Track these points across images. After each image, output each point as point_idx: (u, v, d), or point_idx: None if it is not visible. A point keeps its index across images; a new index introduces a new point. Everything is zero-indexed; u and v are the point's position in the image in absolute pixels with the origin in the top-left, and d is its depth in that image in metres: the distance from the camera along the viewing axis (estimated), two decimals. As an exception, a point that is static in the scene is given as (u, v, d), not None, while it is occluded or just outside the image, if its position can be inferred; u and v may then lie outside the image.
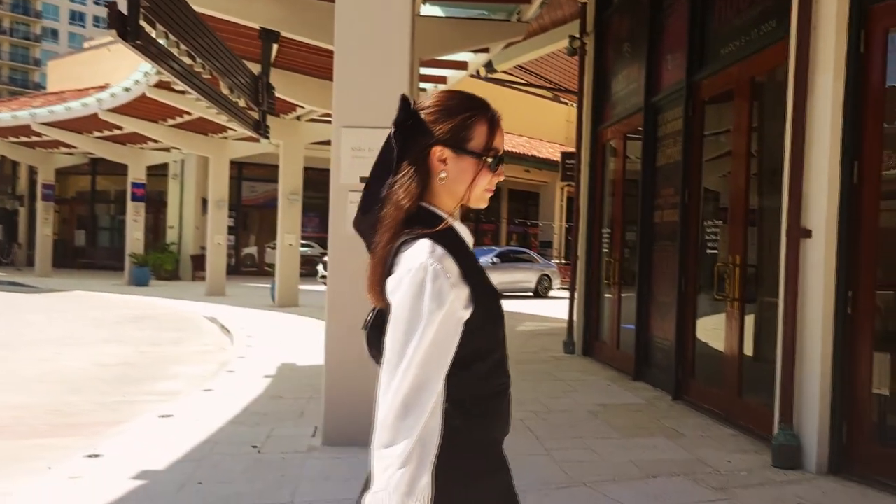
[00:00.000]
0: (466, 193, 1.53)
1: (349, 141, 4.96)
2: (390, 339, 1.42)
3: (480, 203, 1.56)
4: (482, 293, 1.47)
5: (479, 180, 1.53)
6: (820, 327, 4.46)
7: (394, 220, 1.48)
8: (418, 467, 1.37)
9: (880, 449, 4.39)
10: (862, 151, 4.38)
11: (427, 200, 1.52)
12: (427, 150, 1.50)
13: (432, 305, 1.39)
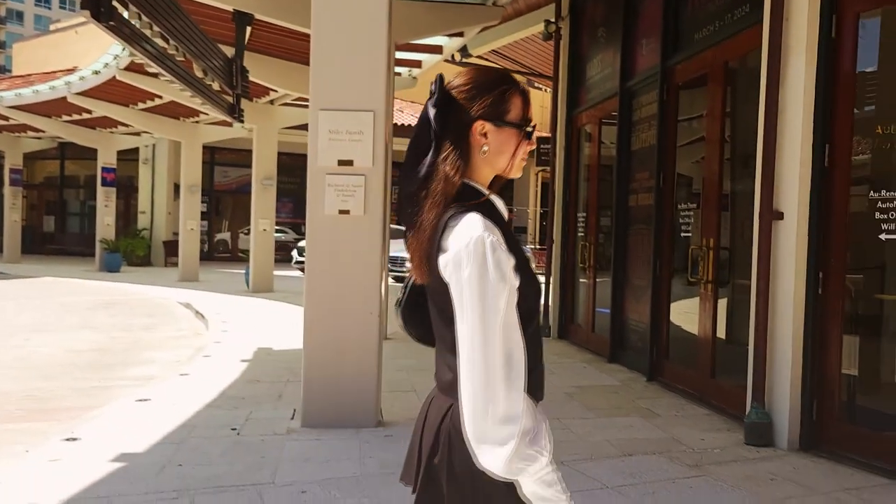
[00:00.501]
0: (509, 164, 1.58)
1: (326, 123, 4.95)
2: (468, 316, 1.44)
3: (517, 173, 1.62)
4: (522, 261, 1.51)
5: (518, 150, 1.58)
6: (791, 308, 4.55)
7: (444, 196, 1.52)
8: (538, 433, 1.44)
9: (849, 427, 4.51)
10: (833, 135, 4.46)
11: (467, 176, 1.56)
12: (469, 126, 1.55)
13: (497, 275, 1.43)
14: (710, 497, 3.81)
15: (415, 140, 1.59)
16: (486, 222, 1.47)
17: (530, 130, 1.59)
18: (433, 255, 1.52)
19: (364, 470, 4.16)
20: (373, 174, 4.98)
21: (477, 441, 1.42)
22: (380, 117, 4.97)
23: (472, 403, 1.42)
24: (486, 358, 1.42)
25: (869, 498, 3.84)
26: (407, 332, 1.83)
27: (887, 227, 4.19)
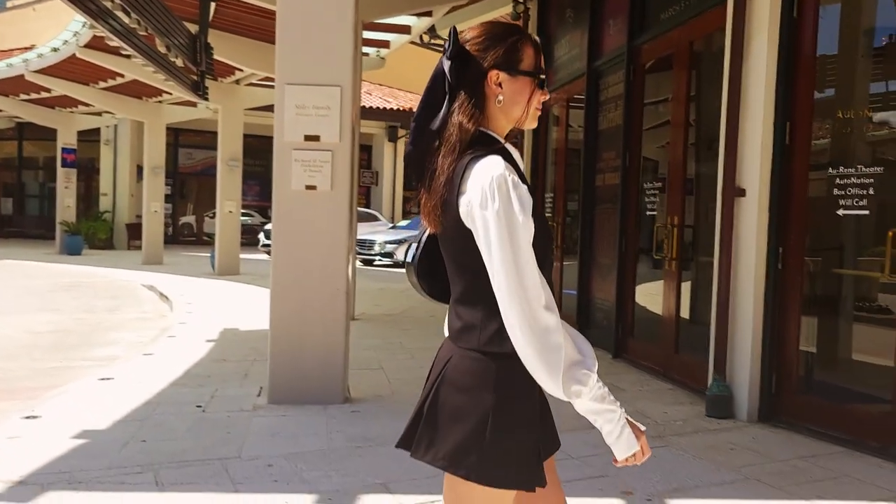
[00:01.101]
0: (524, 112, 1.61)
1: (293, 98, 4.90)
2: (498, 250, 1.48)
3: (532, 123, 1.64)
4: (535, 209, 1.53)
5: (532, 99, 1.60)
6: (752, 283, 4.65)
7: (458, 142, 1.55)
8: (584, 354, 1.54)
9: (806, 398, 4.63)
10: (794, 114, 4.55)
11: (483, 125, 1.58)
12: (483, 76, 1.58)
13: (521, 209, 1.47)
14: (673, 466, 3.89)
15: (427, 96, 1.61)
16: (507, 165, 1.51)
17: (543, 79, 1.62)
18: (450, 199, 1.54)
19: (331, 444, 4.16)
20: (340, 150, 4.95)
21: (538, 367, 1.48)
22: (347, 93, 4.93)
23: (521, 330, 1.47)
24: (524, 286, 1.47)
25: (824, 464, 3.96)
26: (420, 289, 1.86)
27: (844, 203, 4.29)
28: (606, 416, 1.54)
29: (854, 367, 4.81)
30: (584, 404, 1.52)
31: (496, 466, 1.54)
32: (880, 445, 4.08)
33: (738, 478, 3.75)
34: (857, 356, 4.79)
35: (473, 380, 1.57)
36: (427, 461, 1.61)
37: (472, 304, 1.59)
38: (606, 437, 1.55)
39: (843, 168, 4.31)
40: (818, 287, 4.88)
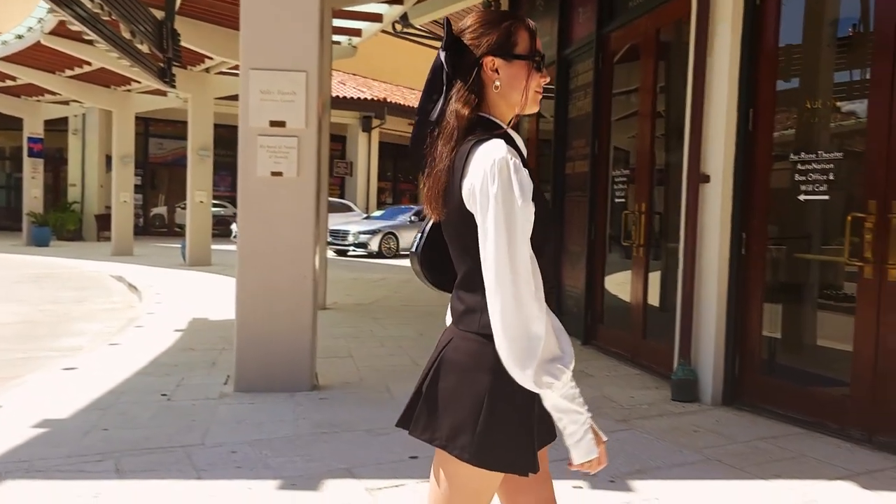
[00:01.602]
0: (523, 96, 1.60)
1: (258, 83, 4.85)
2: (493, 234, 1.48)
3: (534, 107, 1.64)
4: (537, 192, 1.54)
5: (530, 82, 1.60)
6: (716, 268, 4.70)
7: (455, 129, 1.56)
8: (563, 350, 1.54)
9: (769, 381, 4.69)
10: (757, 100, 4.59)
11: (484, 112, 1.60)
12: (479, 63, 1.58)
13: (521, 193, 1.48)
14: (636, 448, 3.92)
15: (428, 88, 1.63)
16: (509, 148, 1.52)
17: (539, 61, 1.62)
18: (453, 185, 1.55)
19: (297, 431, 4.15)
20: (306, 136, 4.91)
21: (508, 354, 1.48)
22: (313, 78, 4.89)
23: (502, 314, 1.48)
24: (515, 270, 1.47)
25: (784, 445, 4.02)
26: (423, 279, 1.87)
27: (806, 189, 4.35)
28: (572, 417, 1.53)
29: (815, 351, 4.89)
30: (552, 399, 1.52)
31: (489, 448, 1.54)
32: (839, 426, 4.15)
33: (699, 459, 3.80)
34: (818, 341, 4.87)
35: (471, 361, 1.58)
36: (424, 439, 1.63)
37: (473, 288, 1.59)
38: (568, 438, 1.55)
39: (805, 154, 4.37)
40: (781, 272, 4.95)
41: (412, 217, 18.86)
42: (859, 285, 4.08)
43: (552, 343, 1.51)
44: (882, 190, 3.94)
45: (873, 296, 3.99)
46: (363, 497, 3.25)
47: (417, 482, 3.38)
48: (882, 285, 3.94)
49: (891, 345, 3.91)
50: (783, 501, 3.28)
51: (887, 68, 3.94)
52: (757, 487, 3.43)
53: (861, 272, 4.04)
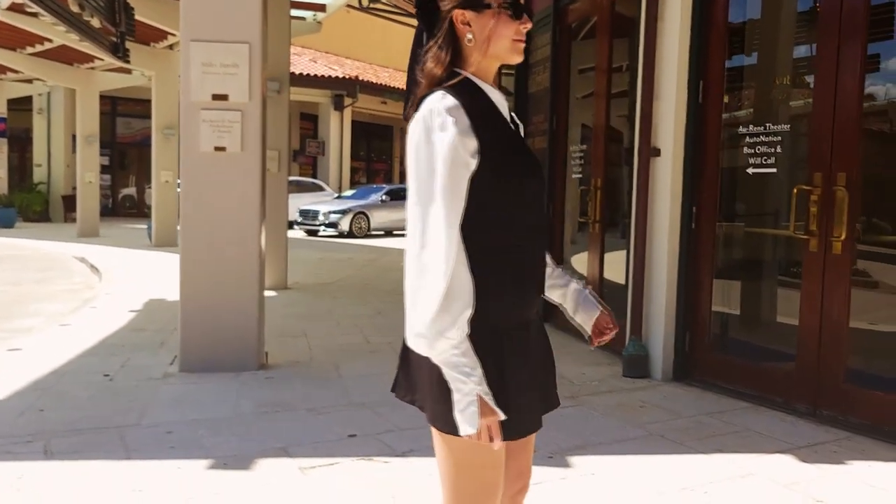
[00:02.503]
0: (499, 45, 1.54)
1: (199, 55, 4.71)
2: (411, 182, 1.47)
3: (514, 56, 1.57)
4: (492, 148, 1.48)
5: (503, 30, 1.53)
6: (666, 243, 4.66)
7: (425, 88, 1.53)
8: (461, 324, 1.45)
9: (718, 356, 4.68)
10: (707, 72, 4.53)
11: (459, 67, 1.55)
12: (449, 18, 1.54)
13: (442, 141, 1.44)
14: (580, 424, 3.89)
15: (413, 53, 1.62)
16: (448, 99, 1.46)
17: (508, 4, 1.53)
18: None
19: (237, 410, 4.07)
20: (250, 109, 4.79)
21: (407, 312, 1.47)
22: (256, 50, 4.76)
23: (407, 274, 1.47)
24: (426, 217, 1.45)
25: (728, 419, 4.00)
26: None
27: (754, 162, 4.30)
28: (456, 385, 1.46)
29: (766, 326, 4.88)
30: (437, 358, 1.46)
31: (444, 414, 1.50)
32: (784, 400, 4.14)
33: (642, 434, 3.77)
34: (769, 315, 4.86)
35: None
36: (407, 401, 1.66)
37: None
38: (454, 405, 1.47)
39: (753, 127, 4.32)
40: (731, 247, 4.92)
41: (383, 197, 18.72)
42: (805, 258, 4.05)
43: (458, 306, 1.45)
44: (827, 162, 3.91)
45: (818, 269, 3.97)
46: (295, 476, 3.18)
47: (353, 460, 3.32)
48: (826, 258, 3.92)
49: (835, 318, 3.90)
50: (720, 475, 3.25)
51: (832, 42, 3.89)
52: (695, 462, 3.41)
53: (806, 245, 4.02)
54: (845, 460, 3.43)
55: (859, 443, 3.66)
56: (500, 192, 1.51)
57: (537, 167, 1.61)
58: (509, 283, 1.54)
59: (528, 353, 1.58)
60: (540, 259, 1.63)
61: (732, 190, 4.74)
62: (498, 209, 1.51)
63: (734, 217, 4.84)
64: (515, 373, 1.53)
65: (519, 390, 1.53)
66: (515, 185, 1.53)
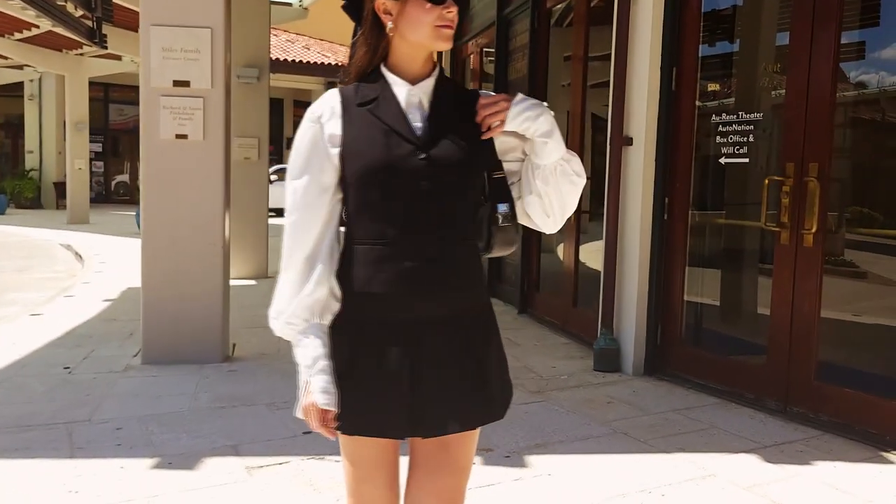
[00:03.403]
0: (422, 33, 1.48)
1: (159, 40, 4.58)
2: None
3: (439, 42, 1.49)
4: (359, 140, 1.48)
5: (423, 16, 1.46)
6: (638, 234, 4.54)
7: (352, 80, 1.54)
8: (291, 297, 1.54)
9: (689, 350, 4.57)
10: (681, 58, 4.40)
11: (390, 61, 1.52)
12: (371, 9, 1.51)
13: (301, 125, 1.53)
14: (543, 420, 3.79)
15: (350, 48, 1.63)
16: (332, 92, 1.52)
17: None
18: None
19: (193, 405, 3.97)
20: (212, 96, 4.66)
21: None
22: (218, 35, 4.63)
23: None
24: (285, 225, 1.54)
25: (696, 416, 3.90)
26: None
27: (727, 152, 4.18)
28: (300, 370, 1.55)
29: (737, 319, 4.77)
30: (289, 340, 1.59)
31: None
32: (755, 396, 4.04)
33: (605, 432, 3.67)
34: (740, 308, 4.75)
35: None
36: None
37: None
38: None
39: (726, 115, 4.19)
40: (703, 237, 4.80)
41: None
42: (776, 251, 3.94)
43: (291, 295, 1.53)
44: (799, 153, 3.78)
45: (789, 262, 3.85)
46: (240, 475, 3.08)
47: (303, 459, 3.22)
48: (798, 251, 3.80)
49: (806, 313, 3.79)
50: (680, 476, 3.15)
51: (806, 29, 3.76)
52: (656, 461, 3.31)
53: (778, 237, 3.90)
54: (811, 461, 3.33)
55: (828, 442, 3.56)
56: (366, 185, 1.49)
57: (434, 162, 1.48)
58: (373, 278, 1.49)
59: (386, 353, 1.50)
60: (429, 258, 1.49)
61: (706, 180, 4.61)
62: (364, 202, 1.50)
63: (707, 208, 4.72)
64: (366, 369, 1.51)
65: (365, 387, 1.51)
66: (382, 179, 1.47)
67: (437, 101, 1.53)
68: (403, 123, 1.50)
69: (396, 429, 1.54)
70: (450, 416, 1.54)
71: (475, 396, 1.56)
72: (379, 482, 1.62)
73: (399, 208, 1.48)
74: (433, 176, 1.47)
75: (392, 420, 1.52)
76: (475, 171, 1.55)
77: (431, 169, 1.47)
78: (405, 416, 1.51)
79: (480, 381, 1.57)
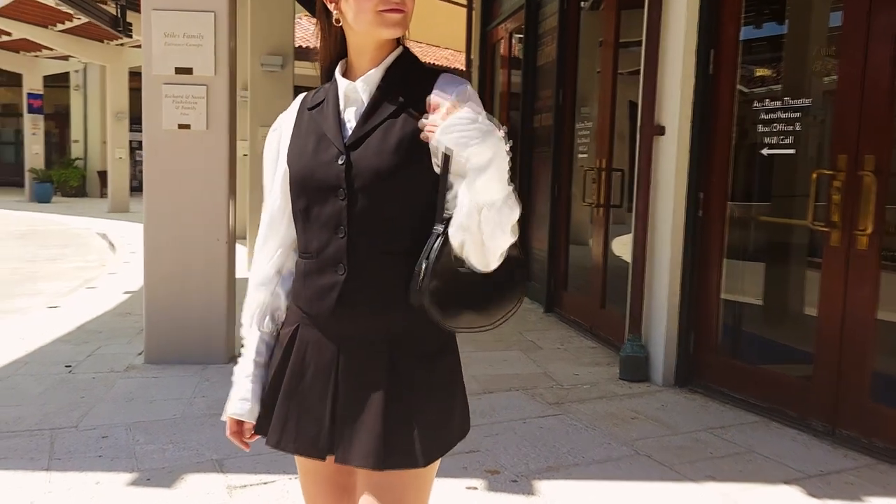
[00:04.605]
0: (361, 22, 1.34)
1: (161, 25, 4.35)
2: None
3: (383, 29, 1.34)
4: (292, 148, 1.43)
5: (363, 3, 1.33)
6: (670, 231, 4.16)
7: (322, 82, 1.48)
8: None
9: (725, 359, 4.17)
10: (719, 39, 3.99)
11: (348, 56, 1.43)
12: (319, 7, 1.44)
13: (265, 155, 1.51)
14: (558, 438, 3.46)
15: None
16: (293, 103, 1.49)
17: None
18: None
19: (187, 411, 3.74)
20: (215, 84, 4.42)
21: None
22: (222, 19, 4.38)
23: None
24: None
25: (731, 437, 3.52)
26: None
27: (770, 142, 3.77)
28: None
29: (780, 322, 4.35)
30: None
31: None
32: (798, 415, 3.64)
33: (627, 453, 3.32)
34: (783, 315, 4.33)
35: None
36: None
37: None
38: None
39: (770, 101, 3.78)
40: (742, 236, 4.38)
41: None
42: (825, 253, 3.52)
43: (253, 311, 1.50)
44: (853, 144, 3.36)
45: (840, 266, 3.44)
46: (220, 496, 2.84)
47: (290, 478, 2.96)
48: (850, 254, 3.39)
49: (859, 323, 3.37)
50: (707, 509, 2.80)
51: (862, 7, 3.32)
52: (682, 492, 2.96)
53: (827, 238, 3.48)
54: (862, 496, 2.93)
55: (883, 473, 3.15)
56: (295, 196, 1.42)
57: (353, 167, 1.33)
58: (300, 293, 1.44)
59: (309, 370, 1.41)
60: (349, 273, 1.34)
61: (745, 173, 4.20)
62: (296, 212, 1.43)
63: (747, 203, 4.31)
64: (291, 383, 1.43)
65: (288, 401, 1.43)
66: (306, 188, 1.38)
67: (379, 95, 1.37)
68: (334, 126, 1.38)
69: (309, 449, 1.42)
70: (356, 448, 1.35)
71: (390, 433, 1.33)
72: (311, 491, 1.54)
73: (320, 219, 1.37)
74: (352, 183, 1.32)
75: (305, 439, 1.41)
76: (404, 176, 1.33)
77: (351, 175, 1.33)
78: (318, 438, 1.39)
79: (401, 416, 1.34)
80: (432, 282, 1.25)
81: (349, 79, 1.40)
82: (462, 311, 1.29)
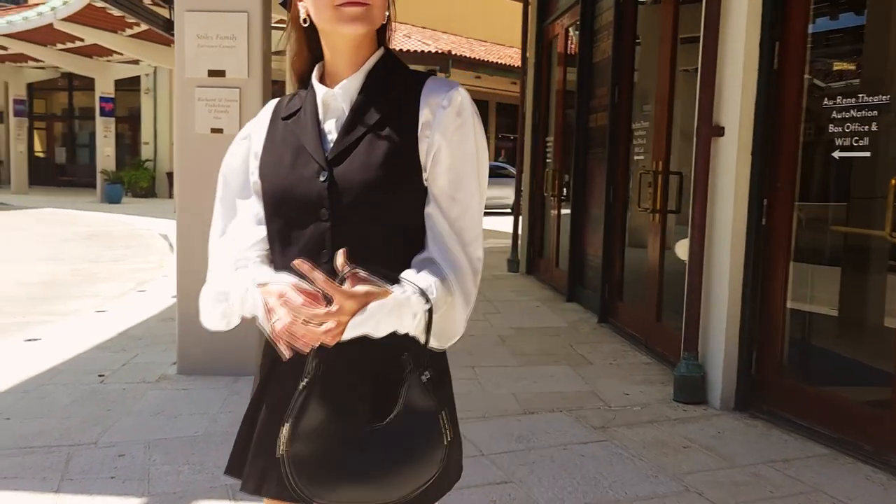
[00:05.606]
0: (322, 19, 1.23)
1: (194, 27, 4.23)
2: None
3: (342, 25, 1.21)
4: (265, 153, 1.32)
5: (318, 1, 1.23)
6: (730, 240, 3.80)
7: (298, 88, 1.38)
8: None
9: (792, 382, 3.79)
10: (785, 30, 3.61)
11: (325, 60, 1.32)
12: (293, 5, 1.31)
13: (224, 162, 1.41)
14: (600, 468, 3.16)
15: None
16: (263, 110, 1.39)
17: None
18: None
19: (211, 428, 3.60)
20: (249, 87, 4.28)
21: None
22: (255, 19, 4.24)
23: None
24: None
25: (796, 473, 3.15)
26: None
27: (842, 143, 3.38)
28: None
29: (856, 345, 3.93)
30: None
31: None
32: (873, 449, 3.24)
33: (675, 489, 3.00)
34: (857, 334, 3.91)
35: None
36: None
37: None
38: None
39: (843, 99, 3.39)
40: (811, 247, 3.98)
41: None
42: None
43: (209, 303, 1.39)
44: (940, 144, 2.96)
45: (923, 284, 3.04)
46: (226, 528, 2.66)
47: (305, 508, 2.76)
48: (935, 271, 2.99)
49: (943, 349, 2.97)
50: (763, 561, 2.47)
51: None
52: (734, 537, 2.63)
53: (908, 252, 3.09)
54: (945, 547, 2.56)
55: (970, 520, 2.76)
56: (271, 213, 1.29)
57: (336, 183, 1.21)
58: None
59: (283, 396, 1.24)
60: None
61: (815, 177, 3.80)
62: (272, 231, 1.30)
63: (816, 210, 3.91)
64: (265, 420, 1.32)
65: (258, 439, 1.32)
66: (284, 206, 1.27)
67: (361, 103, 1.25)
68: (313, 138, 1.26)
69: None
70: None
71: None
72: None
73: (300, 242, 1.25)
74: (335, 201, 1.21)
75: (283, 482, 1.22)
76: (390, 190, 1.22)
77: (334, 192, 1.21)
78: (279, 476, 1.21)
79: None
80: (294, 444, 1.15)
81: (327, 85, 1.29)
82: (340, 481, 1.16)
